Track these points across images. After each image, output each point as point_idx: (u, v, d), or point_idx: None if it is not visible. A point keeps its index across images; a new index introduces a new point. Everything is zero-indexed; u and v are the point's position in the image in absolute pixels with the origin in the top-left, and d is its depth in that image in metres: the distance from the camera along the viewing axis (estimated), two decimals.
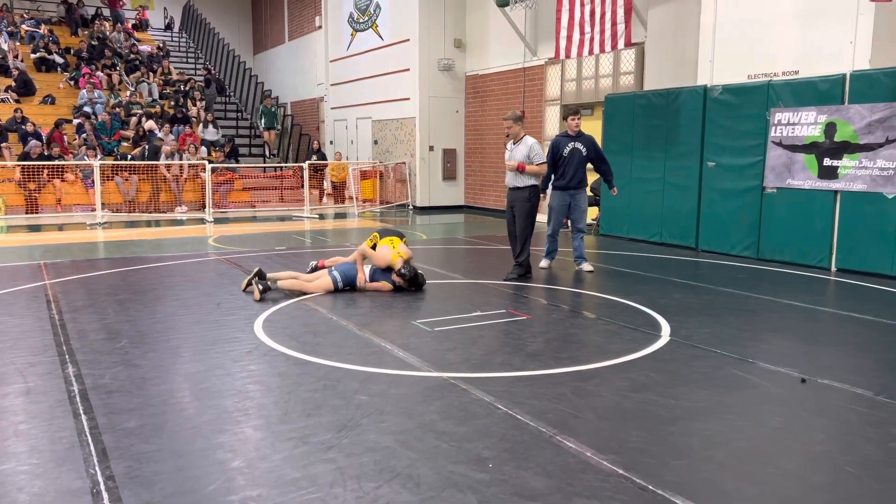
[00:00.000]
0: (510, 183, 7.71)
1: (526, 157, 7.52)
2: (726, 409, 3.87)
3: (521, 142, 7.62)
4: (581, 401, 3.99)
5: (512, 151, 7.67)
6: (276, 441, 3.40)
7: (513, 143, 7.72)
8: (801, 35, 8.85)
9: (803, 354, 4.95)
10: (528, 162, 7.50)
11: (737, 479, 3.07)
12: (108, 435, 3.44)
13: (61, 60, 19.85)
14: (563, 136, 8.20)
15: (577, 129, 8.15)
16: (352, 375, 4.35)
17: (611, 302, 6.60)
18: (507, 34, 14.60)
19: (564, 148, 8.07)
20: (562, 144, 8.11)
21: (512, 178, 7.67)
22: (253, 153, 20.24)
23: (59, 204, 14.13)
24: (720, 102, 9.50)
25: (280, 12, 24.47)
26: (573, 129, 8.13)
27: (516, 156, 7.59)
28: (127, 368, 4.47)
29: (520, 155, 7.55)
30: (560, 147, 8.10)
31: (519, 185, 7.62)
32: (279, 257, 9.09)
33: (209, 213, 14.20)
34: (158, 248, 10.06)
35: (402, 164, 16.90)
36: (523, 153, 7.55)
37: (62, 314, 5.91)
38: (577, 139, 8.10)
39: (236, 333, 5.32)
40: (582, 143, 8.09)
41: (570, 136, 8.14)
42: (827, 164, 8.33)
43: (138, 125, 16.94)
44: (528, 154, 7.53)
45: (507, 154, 7.75)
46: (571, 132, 8.14)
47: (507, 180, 7.78)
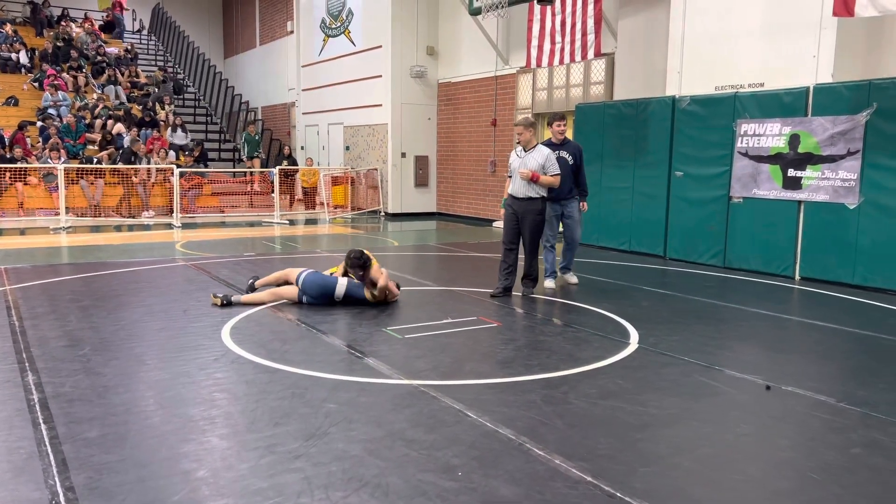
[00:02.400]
0: (521, 193, 7.00)
1: (541, 166, 6.92)
2: (693, 416, 3.91)
3: (535, 150, 7.02)
4: (550, 408, 4.00)
5: (523, 159, 7.01)
6: (243, 450, 3.35)
7: (523, 149, 7.09)
8: (767, 48, 9.04)
9: (768, 362, 5.03)
10: (543, 172, 6.92)
11: (703, 486, 3.10)
12: (68, 445, 3.35)
13: (26, 61, 19.45)
14: (548, 144, 7.52)
15: (563, 136, 7.71)
16: (320, 383, 4.31)
17: (580, 309, 6.64)
18: (480, 42, 14.68)
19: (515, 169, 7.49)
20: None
21: (524, 188, 6.97)
22: (222, 157, 20.03)
23: (21, 208, 13.79)
24: (688, 113, 9.65)
25: (251, 16, 24.29)
26: (558, 137, 7.68)
27: (529, 164, 6.93)
28: (89, 376, 4.37)
29: (534, 164, 6.92)
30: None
31: (532, 196, 6.96)
32: (248, 263, 8.99)
33: (177, 218, 13.99)
34: (124, 253, 9.88)
35: (374, 170, 16.86)
36: (538, 162, 6.93)
37: (22, 321, 5.76)
38: (563, 147, 7.66)
39: (203, 341, 5.24)
40: (568, 152, 7.65)
41: (555, 144, 7.61)
42: (791, 175, 8.50)
43: (104, 128, 16.64)
44: (543, 164, 6.93)
45: (516, 161, 7.07)
46: (556, 139, 7.68)
47: (514, 189, 7.07)
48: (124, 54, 22.16)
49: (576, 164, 7.70)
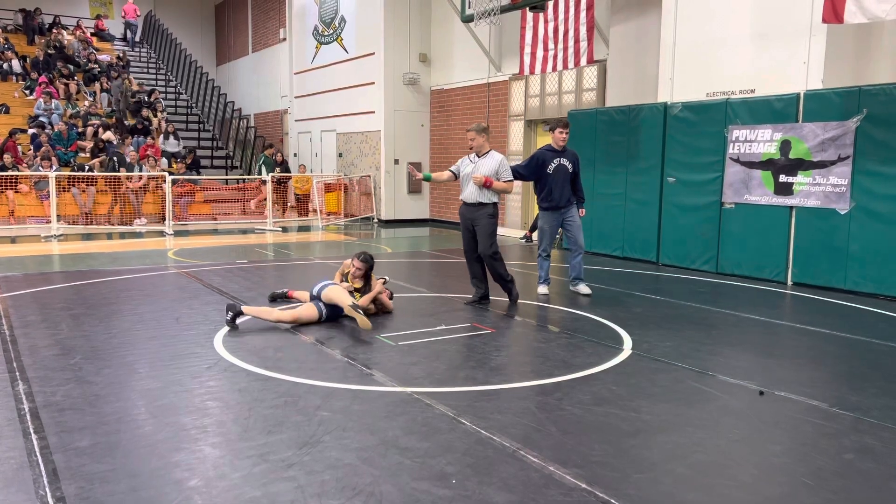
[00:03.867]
0: (472, 198, 6.94)
1: (494, 171, 6.88)
2: (686, 422, 3.92)
3: (488, 155, 6.97)
4: (544, 415, 4.00)
5: (476, 164, 6.95)
6: (236, 459, 3.33)
7: (476, 155, 7.02)
8: (757, 55, 9.10)
9: (761, 367, 5.04)
10: (496, 178, 6.88)
11: (696, 492, 3.10)
12: (59, 454, 3.33)
13: (18, 69, 19.39)
14: (548, 151, 7.50)
15: (564, 143, 7.53)
16: (314, 391, 4.30)
17: (574, 315, 6.64)
18: (472, 49, 14.72)
19: (550, 164, 7.39)
20: (547, 160, 7.43)
21: (475, 194, 6.91)
22: (215, 165, 20.00)
23: (12, 216, 13.73)
24: (680, 119, 9.69)
25: (244, 24, 24.30)
26: (559, 143, 7.48)
27: (482, 169, 6.89)
28: (80, 385, 4.35)
29: (486, 169, 6.88)
30: (545, 162, 7.42)
31: (483, 202, 6.91)
32: (241, 271, 8.96)
33: (169, 225, 13.95)
34: (116, 261, 9.84)
35: (367, 177, 16.86)
36: (491, 167, 6.89)
37: (13, 329, 5.73)
38: (563, 154, 7.50)
39: (195, 349, 5.22)
40: (567, 159, 7.51)
41: (556, 151, 7.48)
42: (783, 181, 8.55)
43: (95, 136, 16.59)
44: (496, 169, 6.89)
45: (469, 167, 6.98)
46: (557, 146, 7.48)
47: (465, 195, 6.99)
48: (116, 62, 22.12)
49: (574, 172, 7.58)
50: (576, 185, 7.66)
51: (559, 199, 7.45)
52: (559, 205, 7.49)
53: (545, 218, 7.65)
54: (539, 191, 7.61)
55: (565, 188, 7.47)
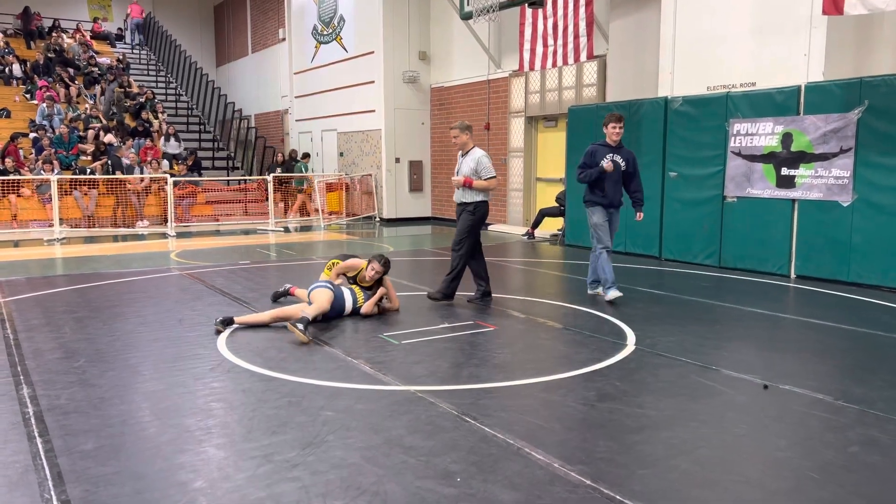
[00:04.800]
0: (457, 198, 6.98)
1: (473, 171, 6.83)
2: (691, 417, 3.91)
3: (469, 154, 6.92)
4: (548, 412, 3.99)
5: (459, 163, 7.02)
6: (240, 460, 3.33)
7: (461, 154, 7.04)
8: (758, 48, 9.07)
9: (765, 361, 5.03)
10: (476, 177, 6.82)
11: (702, 487, 3.09)
12: (64, 458, 3.33)
13: (19, 73, 19.41)
14: (602, 146, 7.11)
15: (619, 138, 7.13)
16: (317, 391, 4.29)
17: (577, 312, 6.64)
18: (472, 47, 14.70)
19: (602, 159, 7.01)
20: (599, 155, 7.04)
21: (458, 194, 6.96)
22: (216, 166, 20.01)
23: (14, 220, 13.74)
24: (681, 114, 9.66)
25: (243, 24, 24.29)
26: (613, 139, 7.08)
27: (463, 169, 6.89)
28: (84, 388, 4.35)
29: (466, 168, 6.87)
30: (596, 158, 7.05)
31: (466, 201, 6.89)
32: (244, 272, 8.97)
33: (171, 227, 13.96)
34: (118, 263, 9.85)
35: (369, 176, 16.85)
36: (470, 167, 6.85)
37: (17, 333, 5.73)
38: (618, 151, 7.10)
39: (199, 350, 5.22)
40: (622, 156, 7.08)
41: (610, 147, 7.10)
42: (784, 174, 8.52)
43: (97, 139, 16.61)
44: (475, 168, 6.82)
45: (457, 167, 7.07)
46: (611, 142, 7.09)
47: (455, 196, 7.08)
48: (116, 64, 22.13)
49: (628, 171, 7.11)
50: (632, 185, 7.20)
51: (613, 197, 7.05)
52: (613, 202, 7.09)
53: (597, 213, 7.12)
54: (590, 188, 7.13)
55: (618, 187, 7.08)
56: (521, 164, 14.14)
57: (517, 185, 14.30)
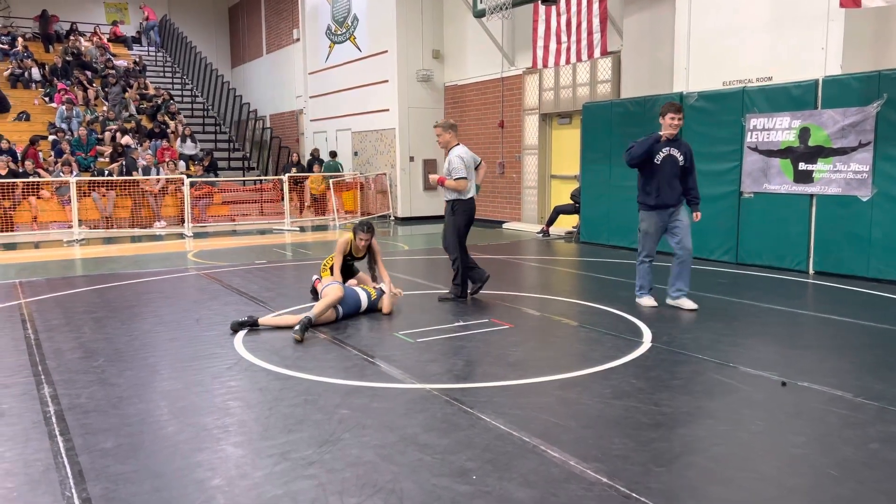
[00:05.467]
0: (445, 196, 7.07)
1: (447, 170, 6.86)
2: (707, 415, 3.88)
3: (450, 152, 6.93)
4: (564, 409, 3.99)
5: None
6: (257, 458, 3.36)
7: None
8: (774, 42, 8.99)
9: (783, 358, 4.99)
10: (448, 176, 6.84)
11: (718, 485, 3.07)
12: (84, 456, 3.38)
13: (38, 76, 19.65)
14: (658, 139, 6.43)
15: (677, 130, 6.39)
16: (333, 389, 4.32)
17: (592, 309, 6.61)
18: (485, 44, 14.69)
19: (656, 154, 6.38)
20: (654, 148, 6.40)
21: (444, 193, 7.03)
22: (232, 167, 20.14)
23: (34, 221, 13.92)
24: (696, 109, 9.60)
25: (258, 25, 24.42)
26: (671, 132, 6.35)
27: (442, 169, 6.92)
28: (103, 387, 4.40)
29: (444, 168, 6.94)
30: (651, 152, 6.42)
31: (448, 198, 6.96)
32: (260, 271, 9.03)
33: (188, 227, 14.08)
34: (136, 264, 9.95)
35: (383, 175, 16.89)
36: (445, 167, 6.89)
37: (38, 333, 5.82)
38: (674, 144, 6.41)
39: (216, 349, 5.26)
40: (679, 151, 6.41)
41: (667, 140, 6.40)
42: (802, 169, 8.44)
43: (114, 140, 16.78)
44: (447, 167, 6.85)
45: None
46: (668, 134, 6.36)
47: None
48: (133, 66, 22.34)
49: (685, 167, 6.47)
50: (688, 182, 6.55)
51: (668, 196, 6.39)
52: (667, 202, 6.42)
53: (648, 219, 6.56)
54: (642, 185, 6.54)
55: (674, 184, 6.41)
56: (535, 162, 14.10)
57: (531, 183, 14.27)
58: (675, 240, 6.55)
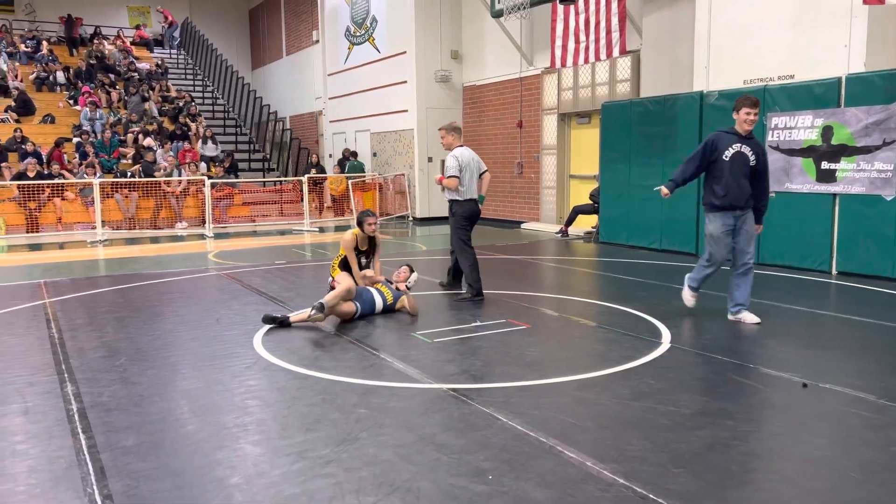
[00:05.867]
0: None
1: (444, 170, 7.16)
2: (727, 416, 3.85)
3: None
4: (582, 410, 3.97)
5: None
6: (275, 456, 3.38)
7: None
8: (796, 39, 8.88)
9: (804, 359, 4.93)
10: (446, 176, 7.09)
11: (737, 486, 3.05)
12: (106, 453, 3.43)
13: (63, 80, 19.95)
14: (728, 133, 5.86)
15: (752, 126, 5.83)
16: (351, 389, 4.34)
17: (611, 310, 6.58)
18: (504, 44, 14.67)
19: (726, 150, 5.77)
20: (722, 144, 5.80)
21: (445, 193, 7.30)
22: (252, 168, 20.31)
23: (59, 222, 14.14)
24: (717, 108, 9.51)
25: (277, 27, 24.60)
26: (744, 127, 5.80)
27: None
28: (125, 386, 4.47)
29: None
30: (719, 148, 5.80)
31: (448, 198, 7.25)
32: (280, 271, 9.09)
33: (209, 228, 14.21)
34: (158, 264, 10.06)
35: (401, 175, 16.92)
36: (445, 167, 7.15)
37: (62, 332, 5.91)
38: (747, 141, 5.83)
39: (235, 349, 5.31)
40: (751, 149, 5.82)
41: (737, 135, 5.82)
42: (825, 168, 8.33)
43: (136, 142, 16.99)
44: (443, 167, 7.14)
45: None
46: (742, 130, 5.81)
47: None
48: (155, 69, 22.60)
49: (757, 168, 5.85)
50: (757, 187, 5.88)
51: (736, 196, 5.77)
52: (735, 204, 5.79)
53: (715, 220, 5.89)
54: (708, 184, 5.95)
55: (743, 184, 5.79)
56: (554, 162, 14.06)
57: (550, 183, 14.23)
58: (736, 248, 5.93)
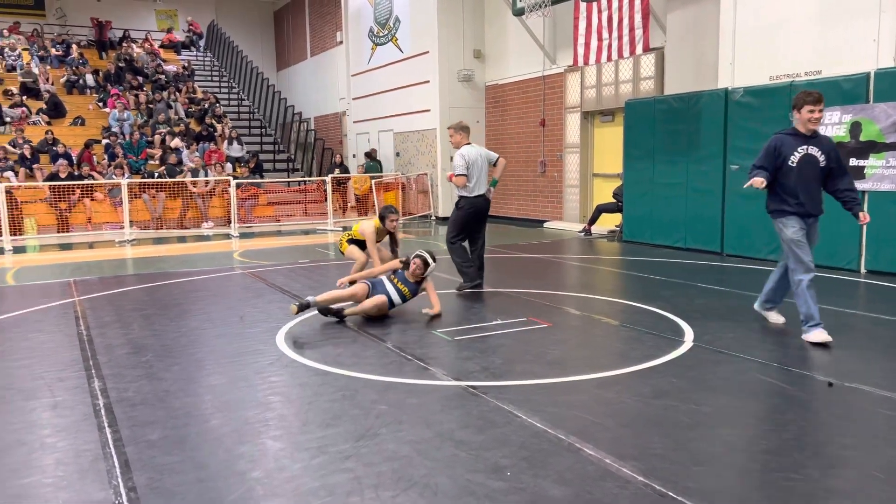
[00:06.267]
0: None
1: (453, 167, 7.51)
2: (750, 415, 3.81)
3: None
4: (602, 408, 3.96)
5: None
6: (296, 451, 3.42)
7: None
8: (823, 34, 8.74)
9: (831, 358, 4.86)
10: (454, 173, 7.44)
11: (759, 486, 3.02)
12: (131, 447, 3.49)
13: (92, 82, 20.31)
14: (791, 135, 5.33)
15: (817, 126, 5.33)
16: (371, 385, 4.37)
17: (633, 308, 6.54)
18: (526, 43, 14.63)
19: (792, 153, 5.27)
20: (787, 148, 5.28)
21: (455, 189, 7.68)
22: (277, 168, 20.49)
23: (89, 222, 14.41)
24: (742, 105, 9.40)
25: (302, 29, 24.80)
26: (808, 126, 5.26)
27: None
28: (151, 381, 4.54)
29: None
30: (784, 152, 5.29)
31: (457, 194, 7.61)
32: (303, 270, 9.17)
33: (235, 228, 14.38)
34: (185, 263, 10.21)
35: (424, 175, 16.96)
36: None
37: (90, 329, 6.03)
38: (813, 141, 5.31)
39: (259, 346, 5.38)
40: (819, 148, 5.29)
41: (801, 136, 5.30)
42: (853, 165, 8.18)
43: (163, 143, 17.24)
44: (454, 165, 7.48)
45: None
46: (805, 129, 5.28)
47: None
48: (182, 71, 22.91)
49: (829, 167, 5.32)
50: (840, 183, 5.37)
51: (810, 203, 5.29)
52: (808, 210, 5.32)
53: (791, 224, 5.34)
54: (774, 191, 5.41)
55: (814, 190, 5.30)
56: (577, 160, 13.99)
57: (573, 182, 14.16)
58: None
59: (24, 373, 4.79)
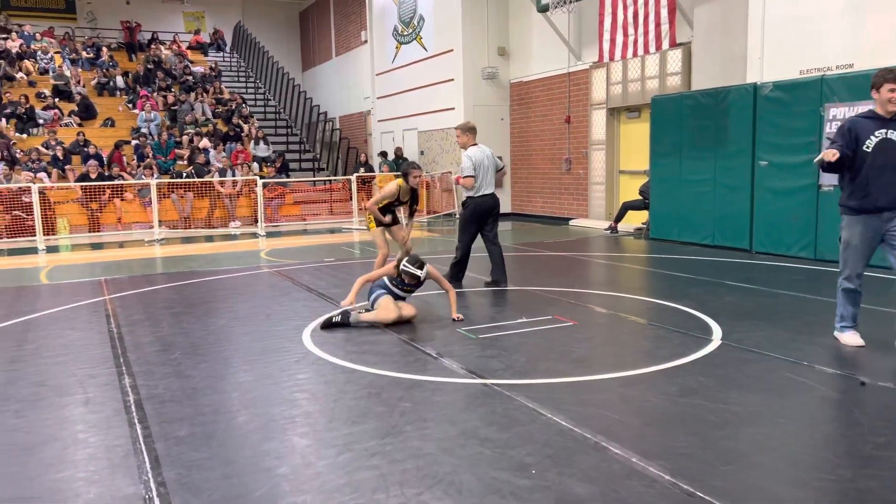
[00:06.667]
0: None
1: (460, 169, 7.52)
2: (779, 414, 3.75)
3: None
4: (627, 406, 3.93)
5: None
6: (322, 448, 3.45)
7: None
8: (855, 27, 8.57)
9: (863, 357, 4.76)
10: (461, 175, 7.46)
11: (788, 485, 2.97)
12: (160, 443, 3.55)
13: (122, 84, 20.65)
14: (868, 118, 4.80)
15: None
16: (396, 383, 4.39)
17: (660, 306, 6.48)
18: (551, 39, 14.56)
19: (867, 138, 4.73)
20: (863, 132, 4.75)
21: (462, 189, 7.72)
22: (302, 168, 20.64)
23: (119, 222, 14.65)
24: (771, 100, 9.25)
25: (327, 29, 24.94)
26: (888, 107, 4.69)
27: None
28: (179, 379, 4.61)
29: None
30: (860, 136, 4.75)
31: (465, 194, 7.65)
32: (329, 269, 9.23)
33: (261, 227, 14.52)
34: (212, 262, 10.33)
35: (448, 173, 16.96)
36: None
37: (120, 327, 6.13)
38: (893, 124, 4.72)
39: (285, 343, 5.42)
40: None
41: (882, 119, 4.75)
42: None
43: (191, 143, 17.46)
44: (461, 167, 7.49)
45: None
46: (885, 111, 4.72)
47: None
48: (209, 72, 23.18)
49: None
50: None
51: (880, 195, 4.71)
52: (880, 204, 4.73)
53: (851, 226, 4.92)
54: (845, 181, 4.92)
55: (892, 178, 4.70)
56: (602, 157, 13.89)
57: (599, 179, 14.06)
58: (894, 252, 4.82)
59: (58, 370, 4.89)
